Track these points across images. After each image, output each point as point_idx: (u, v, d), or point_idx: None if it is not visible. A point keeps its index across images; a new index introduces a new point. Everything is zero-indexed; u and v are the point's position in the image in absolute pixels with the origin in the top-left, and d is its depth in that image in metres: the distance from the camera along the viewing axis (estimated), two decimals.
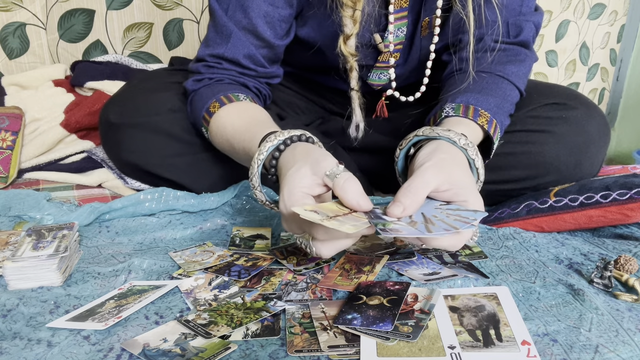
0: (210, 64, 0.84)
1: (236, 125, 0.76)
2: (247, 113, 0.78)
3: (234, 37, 0.81)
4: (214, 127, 0.79)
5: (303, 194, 0.59)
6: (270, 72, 0.87)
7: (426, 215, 0.59)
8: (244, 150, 0.73)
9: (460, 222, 0.56)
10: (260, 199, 0.68)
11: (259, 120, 0.76)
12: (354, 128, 0.90)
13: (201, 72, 0.85)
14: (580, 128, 0.82)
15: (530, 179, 0.83)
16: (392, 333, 0.52)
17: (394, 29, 0.84)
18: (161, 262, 0.70)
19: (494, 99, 0.78)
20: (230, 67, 0.84)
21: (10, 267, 0.63)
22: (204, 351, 0.51)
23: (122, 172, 0.95)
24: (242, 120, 0.76)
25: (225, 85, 0.83)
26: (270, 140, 0.66)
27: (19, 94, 1.16)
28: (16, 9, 1.22)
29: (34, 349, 0.52)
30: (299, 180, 0.59)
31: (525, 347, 0.50)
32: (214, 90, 0.81)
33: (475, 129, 0.74)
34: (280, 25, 0.82)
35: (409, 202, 0.58)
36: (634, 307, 0.58)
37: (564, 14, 1.86)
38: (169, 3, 1.34)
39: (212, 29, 0.84)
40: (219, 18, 0.81)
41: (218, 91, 0.81)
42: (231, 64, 0.84)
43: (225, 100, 0.79)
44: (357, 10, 0.77)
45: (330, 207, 0.58)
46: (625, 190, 0.72)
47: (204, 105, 0.81)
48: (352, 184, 0.58)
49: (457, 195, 0.60)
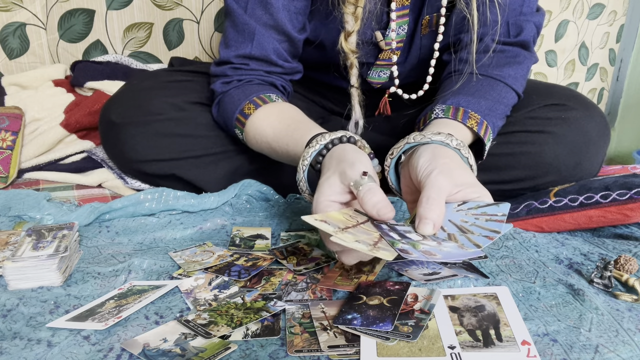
0: (237, 66, 0.83)
1: (277, 129, 0.76)
2: (284, 114, 0.78)
3: (258, 34, 0.80)
4: (252, 129, 0.80)
5: (328, 202, 0.60)
6: (294, 67, 0.87)
7: (456, 223, 0.58)
8: (287, 154, 0.75)
9: (493, 222, 0.56)
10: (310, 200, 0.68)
11: (299, 122, 0.77)
12: (353, 125, 0.90)
13: (228, 74, 0.84)
14: (580, 128, 0.82)
15: (529, 179, 0.83)
16: (392, 333, 0.52)
17: (396, 27, 0.84)
18: (161, 262, 0.70)
19: (486, 101, 0.78)
20: (257, 67, 0.84)
21: (10, 267, 0.63)
22: (204, 351, 0.51)
23: (123, 171, 0.95)
24: (282, 123, 0.77)
25: (255, 86, 0.83)
26: (312, 146, 0.67)
27: (19, 94, 1.16)
28: (16, 9, 1.21)
29: (34, 349, 0.52)
30: (327, 189, 0.60)
31: (525, 347, 0.50)
32: (245, 92, 0.81)
33: (463, 131, 0.74)
34: (297, 17, 0.82)
35: (435, 215, 0.57)
36: (634, 307, 0.58)
37: (563, 14, 1.86)
38: (169, 3, 1.34)
39: (231, 29, 0.83)
40: (238, 17, 0.81)
41: (250, 93, 0.81)
42: (259, 63, 0.83)
43: (260, 101, 0.79)
44: (358, 7, 0.77)
45: (339, 217, 0.58)
46: (625, 190, 0.72)
47: (237, 107, 0.81)
48: (372, 195, 0.58)
49: (467, 194, 0.60)
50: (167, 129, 0.87)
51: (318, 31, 0.86)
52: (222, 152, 0.90)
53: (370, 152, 0.69)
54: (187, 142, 0.88)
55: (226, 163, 0.90)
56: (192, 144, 0.88)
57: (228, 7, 0.82)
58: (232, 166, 0.91)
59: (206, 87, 0.90)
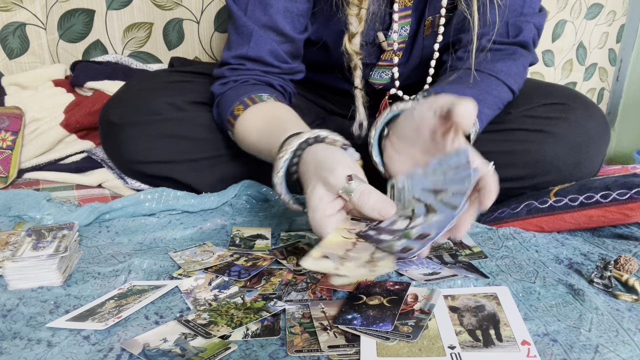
0: (234, 67, 0.83)
1: (260, 129, 0.75)
2: (270, 114, 0.77)
3: (255, 35, 0.81)
4: (240, 130, 0.79)
5: (324, 218, 0.58)
6: (294, 68, 0.86)
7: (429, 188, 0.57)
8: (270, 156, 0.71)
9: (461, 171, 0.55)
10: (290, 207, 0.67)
11: (280, 120, 0.74)
12: (357, 126, 0.90)
13: (226, 75, 0.84)
14: (580, 128, 0.82)
15: (530, 178, 0.83)
16: (392, 333, 0.52)
17: (398, 28, 0.85)
18: (161, 262, 0.70)
19: (472, 90, 0.78)
20: (253, 67, 0.83)
21: (10, 267, 0.63)
22: (204, 351, 0.51)
23: (122, 172, 0.95)
24: (265, 123, 0.75)
25: (249, 86, 0.82)
26: (282, 156, 0.64)
27: (19, 94, 1.16)
28: (16, 9, 1.21)
29: (34, 349, 0.52)
30: (318, 202, 0.58)
31: (525, 347, 0.50)
32: (238, 93, 0.81)
33: None
34: (299, 19, 0.82)
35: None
36: (634, 307, 0.58)
37: (561, 14, 1.86)
38: (169, 3, 1.34)
39: (232, 31, 0.83)
40: (238, 19, 0.81)
41: (242, 93, 0.80)
42: (255, 63, 0.83)
43: (249, 102, 0.78)
44: (362, 8, 0.77)
45: (336, 240, 0.56)
46: (625, 190, 0.72)
47: (228, 109, 0.80)
48: (367, 197, 0.57)
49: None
50: (167, 129, 0.87)
51: (321, 32, 0.86)
52: (218, 156, 0.89)
53: (343, 144, 0.66)
54: (186, 144, 0.88)
55: (222, 167, 0.90)
56: (190, 146, 0.88)
57: (229, 10, 0.82)
58: (228, 170, 0.91)
59: (206, 87, 0.90)
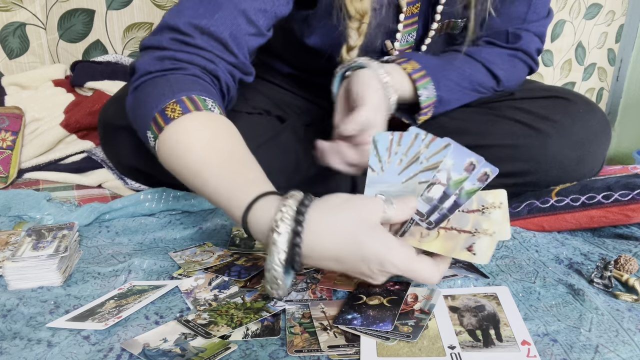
0: (180, 37, 0.66)
1: (208, 158, 0.59)
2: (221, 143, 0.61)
3: (225, 9, 0.66)
4: (171, 141, 0.61)
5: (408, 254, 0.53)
6: (248, 66, 0.73)
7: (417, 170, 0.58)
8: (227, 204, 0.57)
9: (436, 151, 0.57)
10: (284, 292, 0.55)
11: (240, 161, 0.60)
12: None
13: (165, 46, 0.66)
14: (583, 122, 0.82)
15: (533, 173, 0.83)
16: (392, 333, 0.52)
17: (405, 35, 0.85)
18: (161, 262, 0.70)
19: (439, 60, 0.81)
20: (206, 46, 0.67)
21: (10, 267, 0.63)
22: (204, 351, 0.51)
23: (121, 173, 0.95)
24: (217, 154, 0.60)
25: (189, 78, 0.65)
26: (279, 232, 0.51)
27: (19, 94, 1.16)
28: (16, 9, 1.22)
29: (34, 349, 0.52)
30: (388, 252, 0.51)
31: (525, 347, 0.50)
32: (173, 85, 0.63)
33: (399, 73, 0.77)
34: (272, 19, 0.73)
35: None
36: (634, 307, 0.58)
37: (560, 14, 1.86)
38: (169, 3, 1.34)
39: None
40: None
41: (180, 88, 0.63)
42: (210, 41, 0.67)
43: (189, 103, 0.62)
44: (363, 23, 0.76)
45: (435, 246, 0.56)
46: (627, 190, 0.72)
47: (158, 104, 0.62)
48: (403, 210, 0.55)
49: None
50: None
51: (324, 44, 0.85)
52: None
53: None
54: None
55: None
56: None
57: None
58: None
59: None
